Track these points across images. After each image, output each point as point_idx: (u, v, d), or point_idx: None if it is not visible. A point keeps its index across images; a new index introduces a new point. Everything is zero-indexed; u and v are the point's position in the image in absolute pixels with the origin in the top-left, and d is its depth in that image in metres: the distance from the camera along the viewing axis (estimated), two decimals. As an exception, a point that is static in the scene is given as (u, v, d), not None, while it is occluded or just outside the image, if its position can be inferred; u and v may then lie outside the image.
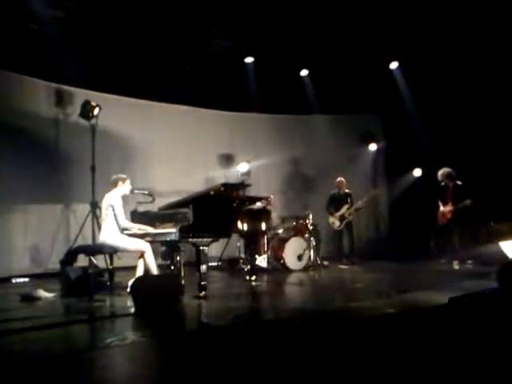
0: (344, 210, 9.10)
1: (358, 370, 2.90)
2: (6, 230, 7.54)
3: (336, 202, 9.26)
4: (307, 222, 8.71)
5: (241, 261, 8.85)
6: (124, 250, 5.78)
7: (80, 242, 7.11)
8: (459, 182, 8.25)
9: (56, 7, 7.45)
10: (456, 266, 8.03)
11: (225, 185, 6.19)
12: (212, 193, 5.96)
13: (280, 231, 8.80)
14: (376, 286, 6.64)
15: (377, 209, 10.41)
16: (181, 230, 5.38)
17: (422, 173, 10.28)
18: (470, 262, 8.12)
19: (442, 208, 8.36)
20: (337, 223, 9.14)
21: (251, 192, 8.22)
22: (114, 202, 5.76)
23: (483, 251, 7.98)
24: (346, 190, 9.28)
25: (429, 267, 8.17)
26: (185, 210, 5.56)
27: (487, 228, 8.54)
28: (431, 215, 8.65)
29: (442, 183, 8.39)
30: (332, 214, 9.22)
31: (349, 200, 9.16)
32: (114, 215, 5.72)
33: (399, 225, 10.33)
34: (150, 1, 7.82)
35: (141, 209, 6.38)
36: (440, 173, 8.39)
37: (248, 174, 9.90)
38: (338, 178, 9.35)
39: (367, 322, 4.26)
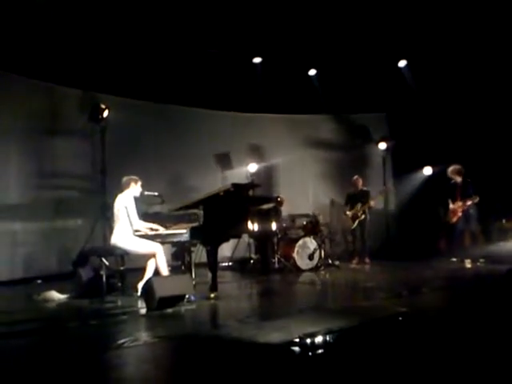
0: (357, 208, 9.03)
1: (371, 369, 2.89)
2: (17, 234, 7.60)
3: (352, 200, 9.15)
4: (318, 221, 8.68)
5: (251, 261, 8.84)
6: (135, 253, 5.74)
7: (91, 243, 7.13)
8: (468, 179, 8.18)
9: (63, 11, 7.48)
10: (468, 264, 7.98)
11: (234, 185, 6.18)
12: (222, 193, 5.96)
13: (290, 231, 8.77)
14: (388, 285, 6.61)
15: (386, 208, 10.34)
16: (191, 231, 5.40)
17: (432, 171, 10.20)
18: (482, 260, 8.04)
19: (451, 205, 8.30)
20: (350, 223, 9.08)
21: (261, 192, 8.21)
22: (127, 202, 5.73)
23: (495, 249, 7.93)
24: (363, 188, 9.19)
25: (440, 266, 8.12)
26: (195, 210, 5.57)
27: (499, 226, 8.47)
28: (440, 213, 8.58)
29: (452, 180, 8.34)
30: (345, 214, 9.18)
31: (365, 198, 9.00)
32: (128, 216, 5.70)
33: (409, 224, 10.26)
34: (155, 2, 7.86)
35: (151, 210, 6.40)
36: (449, 170, 8.33)
37: (257, 174, 9.89)
38: (355, 177, 9.27)
39: (380, 320, 4.24)
